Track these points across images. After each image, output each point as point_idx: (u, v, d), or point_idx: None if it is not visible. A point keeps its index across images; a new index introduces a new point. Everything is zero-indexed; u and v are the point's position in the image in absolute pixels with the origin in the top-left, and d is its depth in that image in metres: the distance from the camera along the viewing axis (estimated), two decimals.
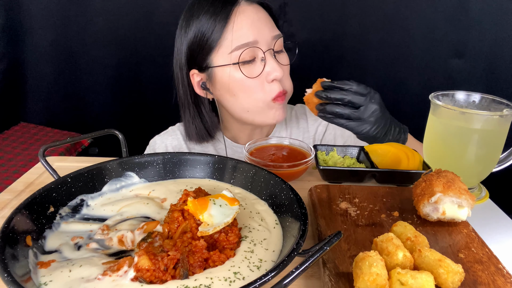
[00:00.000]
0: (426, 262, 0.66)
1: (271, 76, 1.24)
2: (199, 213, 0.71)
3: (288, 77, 1.34)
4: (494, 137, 0.99)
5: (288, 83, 1.33)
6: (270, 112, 1.29)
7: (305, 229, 0.67)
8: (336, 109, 1.13)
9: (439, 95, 1.06)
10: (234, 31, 1.22)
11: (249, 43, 1.22)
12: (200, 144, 1.48)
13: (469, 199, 0.82)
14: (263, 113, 1.30)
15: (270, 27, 1.27)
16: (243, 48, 1.22)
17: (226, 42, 1.23)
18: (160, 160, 0.96)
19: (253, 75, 1.24)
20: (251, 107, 1.29)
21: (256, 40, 1.23)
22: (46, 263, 0.68)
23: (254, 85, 1.25)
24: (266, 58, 1.25)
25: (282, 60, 1.30)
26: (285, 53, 1.34)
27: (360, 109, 1.13)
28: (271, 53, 1.26)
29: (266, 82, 1.26)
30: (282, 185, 0.83)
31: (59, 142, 0.93)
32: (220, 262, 0.67)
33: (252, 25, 1.23)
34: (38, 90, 2.88)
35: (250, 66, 1.24)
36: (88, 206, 0.85)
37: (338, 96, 1.12)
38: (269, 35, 1.25)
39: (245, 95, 1.27)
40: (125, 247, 0.73)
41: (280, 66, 1.26)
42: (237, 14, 1.23)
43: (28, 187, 1.06)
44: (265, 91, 1.26)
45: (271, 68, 1.24)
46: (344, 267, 0.70)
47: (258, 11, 1.27)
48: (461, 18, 2.25)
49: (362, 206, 0.89)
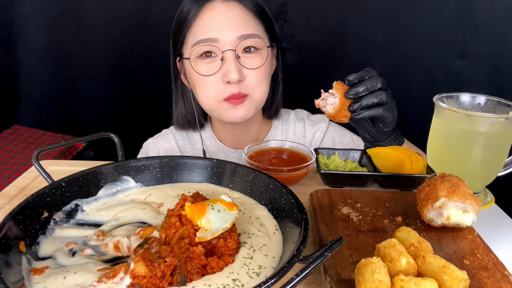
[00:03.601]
0: (430, 269, 0.66)
1: (226, 77, 1.23)
2: (197, 219, 0.71)
3: (259, 81, 1.28)
4: (500, 140, 0.99)
5: (256, 87, 1.28)
6: (225, 111, 1.29)
7: (306, 235, 0.68)
8: (373, 99, 1.07)
9: (444, 97, 1.06)
10: (199, 26, 1.25)
11: (208, 39, 1.23)
12: (191, 143, 1.51)
13: (474, 204, 0.82)
14: (217, 111, 1.31)
15: (240, 26, 1.24)
16: (200, 44, 1.24)
17: (191, 36, 1.27)
18: (157, 164, 0.96)
19: (210, 73, 1.25)
20: (205, 103, 1.32)
21: (216, 38, 1.22)
22: (40, 269, 0.68)
23: (209, 82, 1.26)
24: (224, 58, 1.23)
25: (248, 63, 1.26)
26: (259, 55, 1.28)
27: (387, 91, 1.10)
28: (232, 54, 1.23)
29: (221, 82, 1.25)
30: (282, 190, 0.83)
31: (53, 146, 0.94)
32: (219, 269, 0.67)
33: (216, 22, 1.23)
34: (31, 92, 2.89)
35: (210, 63, 1.25)
36: (83, 211, 0.85)
37: (369, 86, 1.06)
38: (233, 34, 1.23)
39: (201, 90, 1.29)
40: (121, 253, 0.73)
41: (240, 69, 1.23)
42: (206, 10, 1.25)
43: (22, 191, 1.06)
44: (218, 91, 1.26)
45: (227, 70, 1.23)
46: (346, 274, 0.70)
47: (231, 9, 1.25)
48: (465, 19, 2.25)
49: (364, 211, 0.89)
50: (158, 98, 2.37)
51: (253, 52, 1.27)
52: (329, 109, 1.08)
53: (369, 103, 1.06)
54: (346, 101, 1.07)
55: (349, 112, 1.08)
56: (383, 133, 1.17)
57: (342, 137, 1.51)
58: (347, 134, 1.52)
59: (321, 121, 1.52)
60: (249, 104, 1.29)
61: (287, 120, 1.54)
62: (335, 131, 1.51)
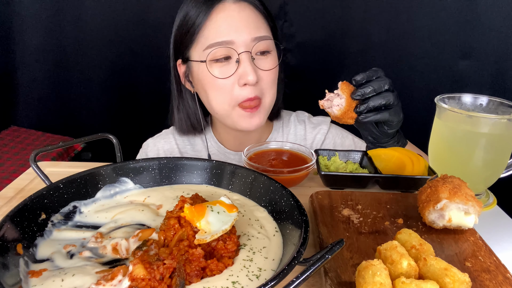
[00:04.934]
0: (432, 271, 0.66)
1: (243, 80, 1.22)
2: (196, 220, 0.71)
3: (270, 85, 1.29)
4: (502, 142, 1.00)
5: (267, 90, 1.29)
6: (240, 118, 1.28)
7: (306, 237, 0.68)
8: (380, 100, 1.06)
9: (445, 98, 1.06)
10: (211, 28, 1.23)
11: (223, 42, 1.22)
12: (191, 145, 1.50)
13: (476, 206, 0.82)
14: (231, 117, 1.29)
15: (253, 28, 1.24)
16: (215, 47, 1.22)
17: (202, 38, 1.24)
18: (155, 165, 0.96)
19: (225, 76, 1.23)
20: (218, 109, 1.29)
21: (232, 40, 1.21)
22: (38, 272, 0.68)
23: (224, 85, 1.24)
24: (240, 60, 1.22)
25: (262, 65, 1.26)
26: (271, 57, 1.29)
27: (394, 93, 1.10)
28: (248, 56, 1.23)
29: (237, 85, 1.24)
30: (282, 191, 0.83)
31: (51, 147, 0.94)
32: (218, 271, 0.68)
33: (230, 24, 1.22)
34: (29, 93, 2.89)
35: (224, 66, 1.24)
36: (81, 213, 0.86)
37: (376, 86, 1.06)
38: (248, 36, 1.22)
39: (214, 94, 1.27)
40: (119, 255, 0.74)
41: (256, 70, 1.23)
42: (218, 11, 1.23)
43: (19, 193, 1.06)
44: (233, 94, 1.25)
45: (244, 72, 1.22)
46: (346, 276, 0.70)
47: (243, 10, 1.24)
48: (468, 18, 2.25)
49: (365, 213, 0.90)
50: (157, 99, 2.37)
51: (266, 54, 1.28)
52: (335, 111, 1.08)
53: (376, 105, 1.06)
54: (352, 102, 1.07)
55: (355, 113, 1.07)
56: (387, 135, 1.17)
57: (343, 139, 1.50)
58: (348, 137, 1.52)
59: (322, 123, 1.52)
60: (262, 111, 1.29)
61: (288, 122, 1.54)
62: (336, 134, 1.51)
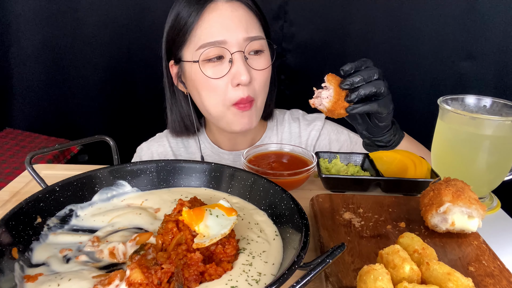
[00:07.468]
0: (434, 276, 0.66)
1: (236, 80, 1.23)
2: (194, 224, 0.71)
3: (263, 84, 1.30)
4: (506, 144, 1.00)
5: (261, 90, 1.30)
6: (234, 119, 1.29)
7: (307, 241, 0.68)
8: (370, 88, 1.05)
9: (448, 100, 1.06)
10: (204, 28, 1.24)
11: (216, 42, 1.22)
12: (185, 147, 1.51)
13: (479, 209, 0.82)
14: (224, 119, 1.30)
15: (246, 27, 1.25)
16: (208, 47, 1.22)
17: (195, 38, 1.25)
18: (153, 168, 0.96)
19: (218, 76, 1.24)
20: (212, 109, 1.30)
21: (225, 40, 1.22)
22: (33, 276, 0.68)
23: (217, 86, 1.25)
24: (233, 60, 1.23)
25: (255, 64, 1.27)
26: (264, 56, 1.30)
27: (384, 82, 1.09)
28: (241, 56, 1.24)
29: (230, 86, 1.25)
30: (282, 195, 0.83)
31: (46, 149, 0.94)
32: (217, 276, 0.68)
33: (223, 23, 1.23)
34: (24, 94, 2.89)
35: (217, 66, 1.24)
36: (77, 217, 0.86)
37: (365, 76, 1.06)
38: (241, 36, 1.23)
39: (208, 94, 1.28)
40: (116, 259, 0.73)
41: (249, 70, 1.24)
42: (210, 10, 1.24)
43: (14, 196, 1.06)
44: (226, 95, 1.25)
45: (237, 71, 1.23)
46: (347, 281, 0.70)
47: (236, 9, 1.25)
48: (471, 19, 2.26)
49: (367, 217, 0.90)
50: (154, 101, 2.37)
51: (259, 54, 1.29)
52: (325, 103, 1.07)
53: (367, 93, 1.06)
54: (342, 92, 1.06)
55: (346, 102, 1.07)
56: (380, 128, 1.17)
57: (339, 135, 1.51)
58: (343, 132, 1.52)
59: (316, 119, 1.53)
60: (254, 112, 1.30)
61: (282, 121, 1.55)
62: (331, 129, 1.52)
